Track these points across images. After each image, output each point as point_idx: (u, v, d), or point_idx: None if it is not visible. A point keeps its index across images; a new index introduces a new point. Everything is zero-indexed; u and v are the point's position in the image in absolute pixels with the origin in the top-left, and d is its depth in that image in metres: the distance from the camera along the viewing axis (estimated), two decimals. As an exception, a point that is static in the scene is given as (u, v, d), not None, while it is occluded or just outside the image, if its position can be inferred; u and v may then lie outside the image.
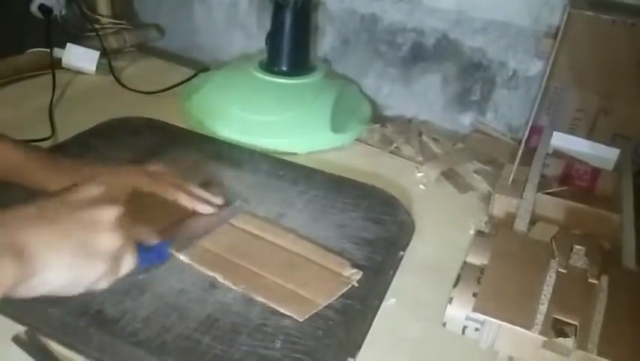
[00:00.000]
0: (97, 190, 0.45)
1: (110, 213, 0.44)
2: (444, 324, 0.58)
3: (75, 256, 0.42)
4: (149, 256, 0.55)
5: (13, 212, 0.40)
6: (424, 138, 0.96)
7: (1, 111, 0.93)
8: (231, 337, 0.52)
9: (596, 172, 0.77)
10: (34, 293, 0.41)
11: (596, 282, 0.58)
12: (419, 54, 1.03)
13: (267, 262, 0.61)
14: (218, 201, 0.68)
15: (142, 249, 0.48)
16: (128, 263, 0.46)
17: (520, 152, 0.78)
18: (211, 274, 0.59)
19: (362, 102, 1.05)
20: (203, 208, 0.66)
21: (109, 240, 0.44)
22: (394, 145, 0.93)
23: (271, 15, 0.98)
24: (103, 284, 0.45)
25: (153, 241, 0.56)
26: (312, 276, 0.60)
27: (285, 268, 0.60)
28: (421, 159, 0.90)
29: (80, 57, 1.08)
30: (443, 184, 0.85)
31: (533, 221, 0.70)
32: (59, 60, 1.06)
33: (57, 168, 0.63)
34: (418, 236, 0.72)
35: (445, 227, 0.75)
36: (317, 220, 0.69)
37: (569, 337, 0.52)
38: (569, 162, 0.78)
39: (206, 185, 0.71)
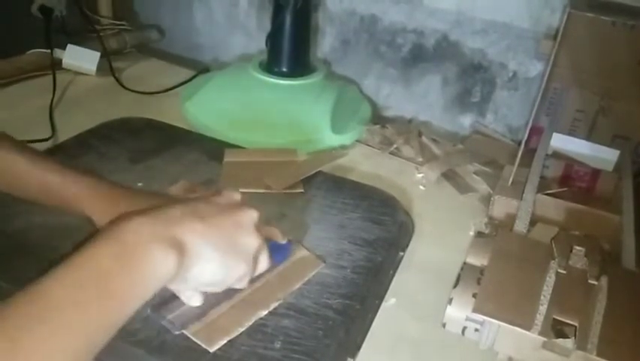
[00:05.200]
0: (236, 196, 0.49)
1: (251, 216, 0.48)
2: (443, 325, 0.58)
3: (226, 252, 0.45)
4: (277, 254, 0.57)
5: (171, 209, 0.43)
6: (424, 138, 0.96)
7: (2, 111, 0.93)
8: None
9: (595, 173, 0.77)
10: (186, 286, 0.44)
11: (595, 283, 0.58)
12: (419, 55, 1.03)
13: None
14: (281, 238, 0.61)
15: (270, 246, 0.52)
16: (264, 262, 0.51)
17: (520, 153, 0.78)
18: None
19: (362, 103, 1.05)
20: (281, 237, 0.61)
21: (252, 240, 0.48)
22: (394, 146, 0.93)
23: (271, 16, 0.98)
24: (243, 283, 0.49)
25: (283, 240, 0.59)
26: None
27: None
28: (420, 159, 0.90)
29: (80, 58, 1.08)
30: (443, 185, 0.85)
31: (533, 222, 0.70)
32: (60, 61, 1.06)
33: (106, 197, 0.56)
34: (417, 237, 0.72)
35: (444, 228, 0.75)
36: (317, 221, 0.69)
37: (568, 337, 0.52)
38: (569, 163, 0.78)
39: (206, 184, 0.71)
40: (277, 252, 0.57)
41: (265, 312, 0.55)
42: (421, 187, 0.84)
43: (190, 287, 0.44)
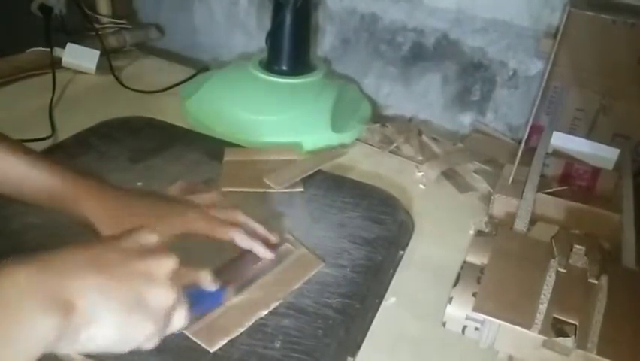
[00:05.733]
0: (151, 239, 0.41)
1: (165, 266, 0.40)
2: (444, 323, 0.58)
3: (126, 312, 0.37)
4: (204, 302, 0.49)
5: (60, 257, 0.36)
6: (424, 137, 0.96)
7: (1, 110, 0.93)
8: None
9: (596, 172, 0.77)
10: (76, 350, 0.37)
11: (595, 282, 0.58)
12: (419, 54, 1.03)
13: None
14: (275, 239, 0.62)
15: (195, 294, 0.44)
16: (180, 321, 0.42)
17: (520, 152, 0.78)
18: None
19: (362, 102, 1.05)
20: (264, 253, 0.60)
21: (163, 296, 0.39)
22: (394, 145, 0.93)
23: (271, 14, 0.98)
24: (151, 344, 0.40)
25: (211, 287, 0.48)
26: None
27: None
28: (420, 158, 0.90)
29: (80, 56, 1.08)
30: (443, 184, 0.85)
31: (533, 221, 0.70)
32: (59, 59, 1.06)
33: (106, 199, 0.55)
34: (417, 236, 0.72)
35: (444, 227, 0.75)
36: (317, 220, 0.69)
37: (568, 336, 0.52)
38: (569, 162, 0.78)
39: (206, 184, 0.71)
40: (204, 300, 0.48)
41: (265, 312, 0.55)
42: (421, 186, 0.84)
43: (86, 350, 0.37)
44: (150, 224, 0.43)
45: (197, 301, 0.44)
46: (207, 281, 0.48)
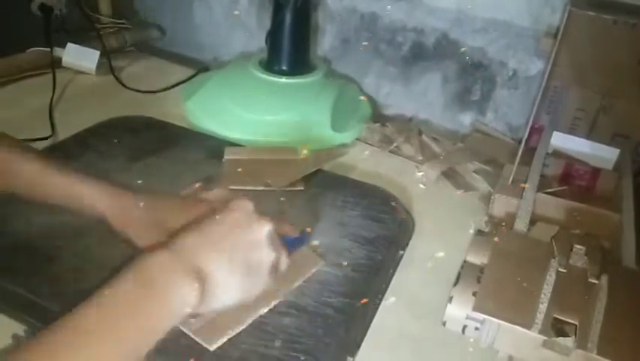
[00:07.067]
0: (246, 208, 0.49)
1: (263, 230, 0.48)
2: (444, 323, 0.58)
3: (243, 274, 0.46)
4: (294, 245, 0.59)
5: (182, 239, 0.44)
6: (424, 137, 0.96)
7: (1, 110, 0.93)
8: (231, 335, 0.52)
9: (596, 172, 0.77)
10: (209, 310, 0.45)
11: (596, 281, 0.58)
12: (419, 53, 1.03)
13: None
14: (294, 233, 0.63)
15: (285, 240, 0.53)
16: (284, 264, 0.51)
17: (520, 152, 0.78)
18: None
19: (362, 101, 1.05)
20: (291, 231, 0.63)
21: (268, 255, 0.48)
22: (394, 144, 0.93)
23: (271, 14, 0.98)
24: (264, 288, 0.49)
25: (295, 234, 0.61)
26: None
27: None
28: (421, 158, 0.90)
29: (80, 56, 1.08)
30: (443, 184, 0.85)
31: (533, 221, 0.70)
32: (59, 59, 1.06)
33: (120, 198, 0.56)
34: (417, 235, 0.72)
35: (445, 226, 0.75)
36: (317, 219, 0.69)
37: (569, 336, 0.51)
38: (569, 162, 0.78)
39: (206, 183, 0.71)
40: (293, 244, 0.59)
41: (265, 310, 0.55)
42: (421, 185, 0.84)
43: (216, 308, 0.46)
44: (166, 220, 0.51)
45: (289, 245, 0.53)
46: (292, 230, 0.60)
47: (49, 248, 0.60)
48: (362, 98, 1.04)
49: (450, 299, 0.58)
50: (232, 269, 0.45)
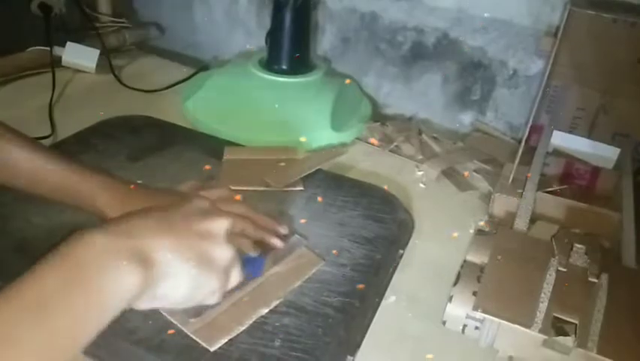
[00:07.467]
0: (205, 202, 0.46)
1: (222, 225, 0.44)
2: (444, 322, 0.58)
3: (195, 267, 0.42)
4: (250, 268, 0.54)
5: (132, 221, 0.40)
6: (424, 136, 0.96)
7: (1, 109, 0.92)
8: (231, 335, 0.52)
9: (596, 171, 0.77)
10: (153, 305, 0.40)
11: (596, 280, 0.58)
12: (419, 53, 1.03)
13: None
14: (284, 231, 0.63)
15: (244, 261, 0.49)
16: (236, 276, 0.47)
17: (520, 151, 0.78)
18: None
19: (362, 101, 1.05)
20: (275, 242, 0.61)
21: (223, 252, 0.44)
22: (394, 144, 0.93)
23: (271, 13, 0.98)
24: (214, 298, 0.45)
25: (254, 253, 0.56)
26: None
27: None
28: (421, 157, 0.90)
29: (80, 55, 1.08)
30: (443, 183, 0.85)
31: (533, 220, 0.70)
32: (59, 58, 1.06)
33: (120, 193, 0.56)
34: (417, 234, 0.72)
35: (444, 226, 0.75)
36: (316, 219, 0.69)
37: (569, 335, 0.52)
38: (569, 161, 0.78)
39: (206, 182, 0.71)
40: (250, 266, 0.53)
41: (265, 310, 0.55)
42: (421, 185, 0.84)
43: (161, 305, 0.41)
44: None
45: (244, 264, 0.48)
46: (250, 247, 0.56)
47: (47, 248, 0.60)
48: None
49: (450, 298, 0.58)
50: (186, 257, 0.41)
